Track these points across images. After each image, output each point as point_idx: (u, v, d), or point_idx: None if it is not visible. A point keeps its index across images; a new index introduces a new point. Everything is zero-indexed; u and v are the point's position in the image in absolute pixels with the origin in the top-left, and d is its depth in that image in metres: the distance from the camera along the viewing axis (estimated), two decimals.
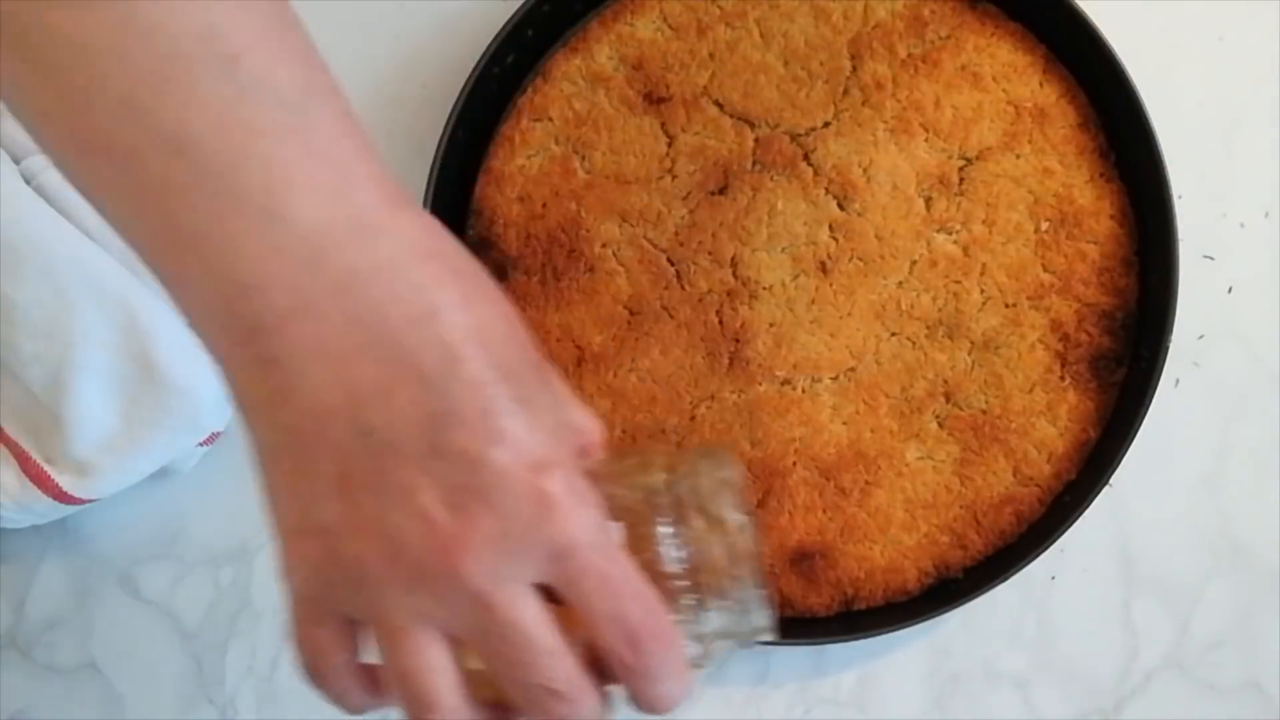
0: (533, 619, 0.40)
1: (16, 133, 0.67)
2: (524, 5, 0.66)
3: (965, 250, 0.67)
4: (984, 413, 0.67)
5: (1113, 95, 0.66)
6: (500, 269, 0.68)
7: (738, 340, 0.67)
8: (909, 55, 0.67)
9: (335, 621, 0.42)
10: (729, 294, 0.67)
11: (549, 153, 0.68)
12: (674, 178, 0.68)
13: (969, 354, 0.67)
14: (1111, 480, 0.65)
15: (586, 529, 0.40)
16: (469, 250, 0.69)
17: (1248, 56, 0.72)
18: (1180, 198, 0.65)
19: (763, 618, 0.46)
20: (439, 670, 0.41)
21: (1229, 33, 0.71)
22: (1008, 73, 0.67)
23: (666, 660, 0.42)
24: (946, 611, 0.66)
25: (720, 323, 0.67)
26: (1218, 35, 0.72)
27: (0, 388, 0.67)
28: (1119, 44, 0.65)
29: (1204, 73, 0.72)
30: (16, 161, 0.66)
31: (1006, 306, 0.67)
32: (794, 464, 0.67)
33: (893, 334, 0.67)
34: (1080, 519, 0.65)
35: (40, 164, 0.66)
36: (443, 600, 0.40)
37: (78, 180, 0.40)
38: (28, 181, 0.66)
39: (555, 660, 0.41)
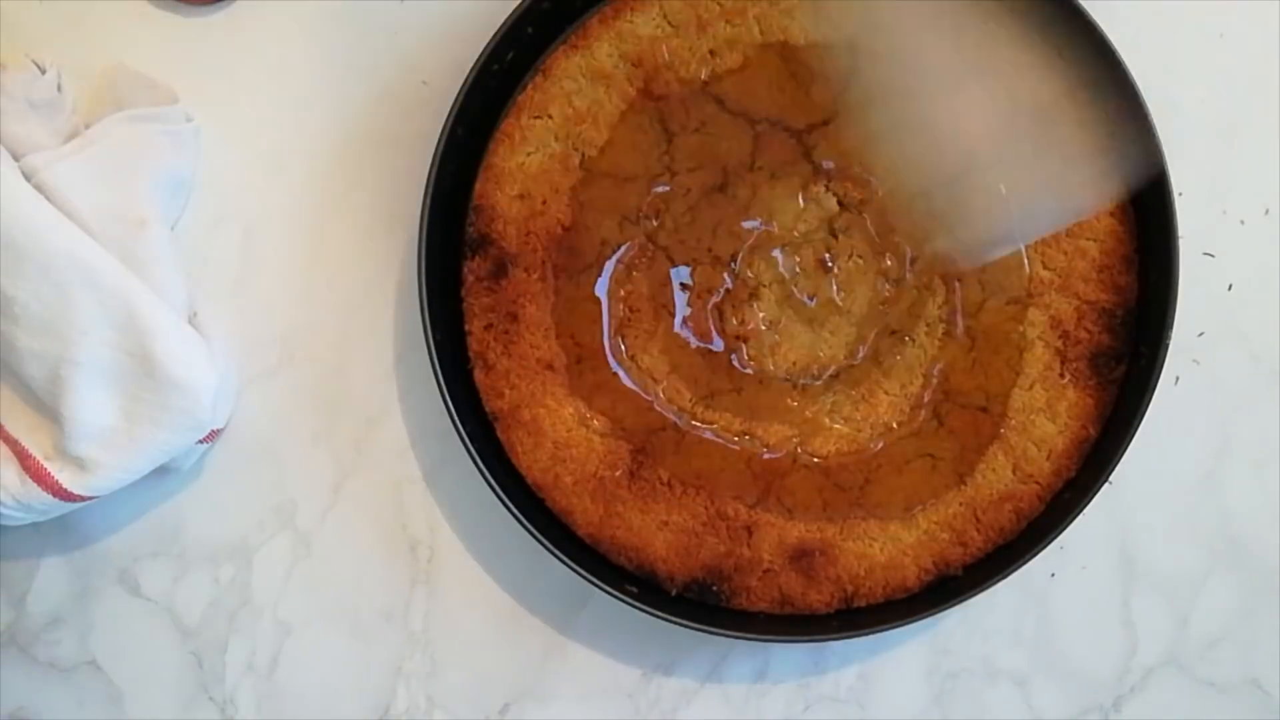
0: None
1: (17, 130, 0.68)
2: (524, 2, 0.66)
3: None
4: (983, 410, 0.67)
5: (1114, 93, 0.66)
6: (500, 266, 0.68)
7: (737, 338, 0.67)
8: None
9: None
10: (728, 292, 0.67)
11: (549, 150, 0.68)
12: (673, 175, 0.68)
13: (968, 351, 0.67)
14: (1111, 478, 0.65)
15: None
16: (468, 247, 0.69)
17: (1248, 54, 0.72)
18: (1180, 195, 0.65)
19: None
20: None
21: (1229, 30, 0.71)
22: None
23: None
24: (946, 609, 0.66)
25: (720, 320, 0.68)
26: (1218, 32, 0.72)
27: (0, 385, 0.68)
28: (1119, 41, 0.65)
29: (1204, 70, 0.72)
30: (16, 159, 0.66)
31: (1006, 304, 0.67)
32: (794, 461, 0.67)
33: (892, 331, 0.67)
34: (1080, 516, 0.65)
35: (41, 160, 0.66)
36: None
37: None
38: (28, 178, 0.66)
39: None
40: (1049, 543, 0.65)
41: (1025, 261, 0.67)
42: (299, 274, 0.72)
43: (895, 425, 0.67)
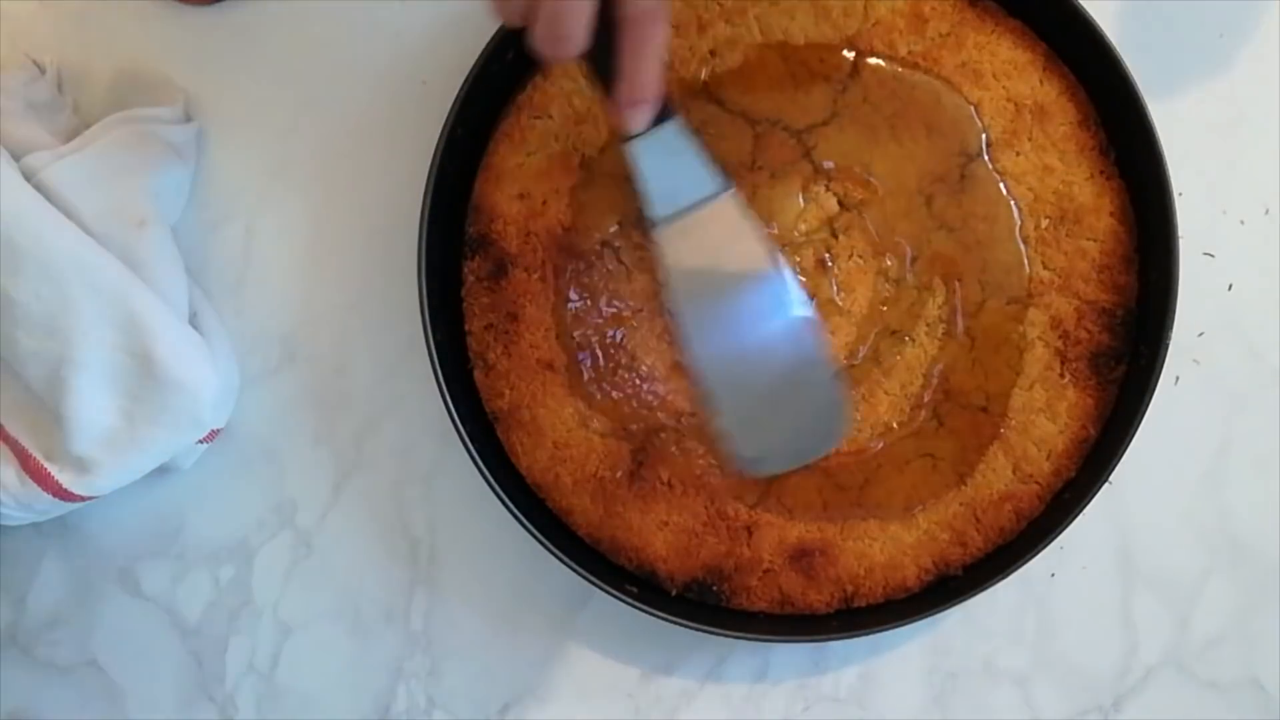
0: None
1: (16, 130, 0.68)
2: None
3: (965, 247, 0.67)
4: (983, 410, 0.67)
5: (1113, 92, 0.66)
6: (500, 266, 0.68)
7: None
8: (909, 52, 0.67)
9: None
10: None
11: (549, 150, 0.68)
12: None
13: (968, 351, 0.67)
14: (1111, 478, 0.65)
15: None
16: (468, 247, 0.69)
17: (1247, 54, 0.72)
18: (1180, 195, 0.65)
19: None
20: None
21: (1229, 30, 0.71)
22: (1008, 70, 0.67)
23: None
24: (946, 608, 0.66)
25: None
26: (1218, 32, 0.72)
27: (0, 385, 0.67)
28: (1119, 41, 0.65)
29: (1204, 70, 0.72)
30: (16, 159, 0.66)
31: (1006, 304, 0.67)
32: None
33: (892, 331, 0.67)
34: (1080, 516, 0.65)
35: (41, 160, 0.66)
36: None
37: None
38: (28, 178, 0.66)
39: None
40: (1049, 543, 0.65)
41: (1025, 261, 0.67)
42: (299, 274, 0.73)
43: (895, 425, 0.67)
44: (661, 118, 0.60)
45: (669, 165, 0.62)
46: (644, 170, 0.62)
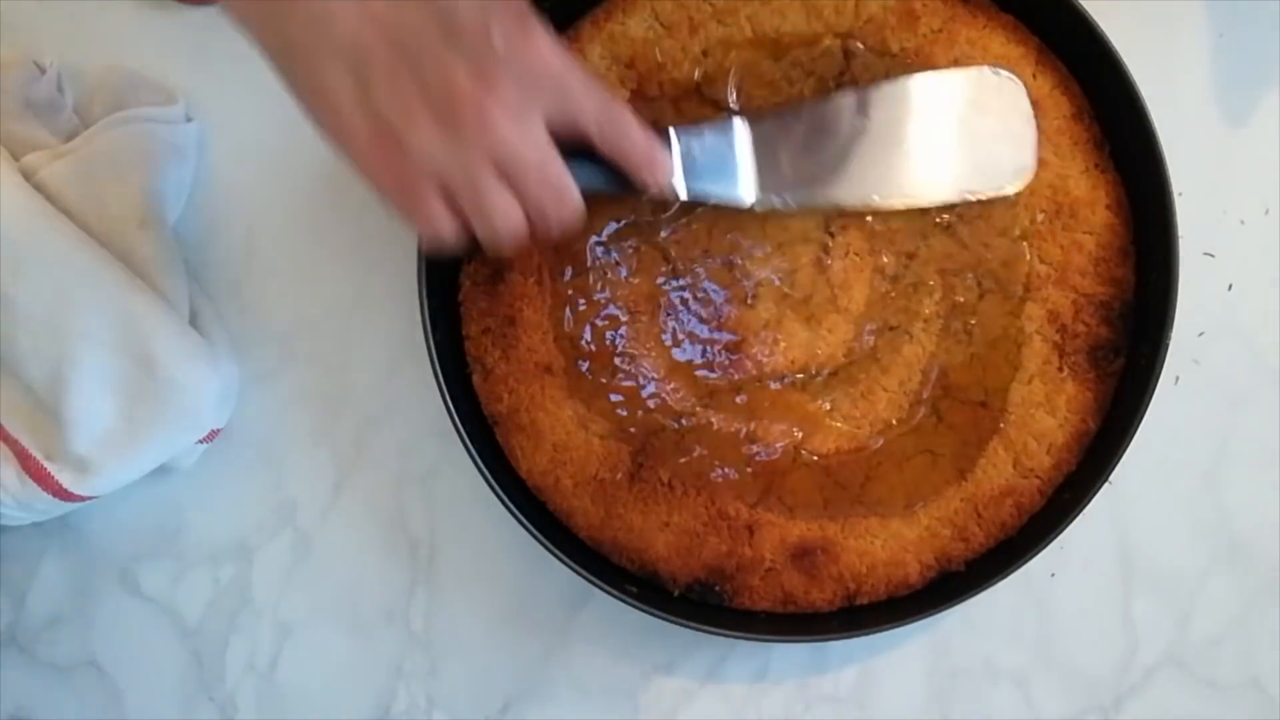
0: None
1: (17, 130, 0.68)
2: None
3: (962, 243, 0.67)
4: (983, 405, 0.67)
5: (1113, 92, 0.66)
6: (497, 270, 0.68)
7: (736, 337, 0.67)
8: (902, 49, 0.67)
9: (432, 191, 0.54)
10: (726, 291, 0.67)
11: None
12: None
13: (966, 347, 0.67)
14: (1111, 477, 0.65)
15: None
16: (465, 251, 0.69)
17: (1248, 53, 0.72)
18: (1180, 195, 0.65)
19: None
20: (509, 205, 0.54)
21: (1229, 29, 0.72)
22: (1001, 65, 0.67)
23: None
24: (947, 608, 0.66)
25: (718, 320, 0.68)
26: (1218, 32, 0.72)
27: (0, 385, 0.68)
28: (1118, 41, 0.65)
29: (1204, 70, 0.72)
30: (16, 159, 0.67)
31: (1003, 299, 0.67)
32: (794, 460, 0.67)
33: (891, 328, 0.67)
34: (1080, 516, 0.65)
35: (40, 160, 0.67)
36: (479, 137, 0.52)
37: None
38: (28, 178, 0.66)
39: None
40: (1050, 541, 0.65)
41: (1021, 256, 0.67)
42: (299, 274, 0.73)
43: (895, 422, 0.67)
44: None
45: (713, 167, 0.64)
46: (712, 193, 0.64)
